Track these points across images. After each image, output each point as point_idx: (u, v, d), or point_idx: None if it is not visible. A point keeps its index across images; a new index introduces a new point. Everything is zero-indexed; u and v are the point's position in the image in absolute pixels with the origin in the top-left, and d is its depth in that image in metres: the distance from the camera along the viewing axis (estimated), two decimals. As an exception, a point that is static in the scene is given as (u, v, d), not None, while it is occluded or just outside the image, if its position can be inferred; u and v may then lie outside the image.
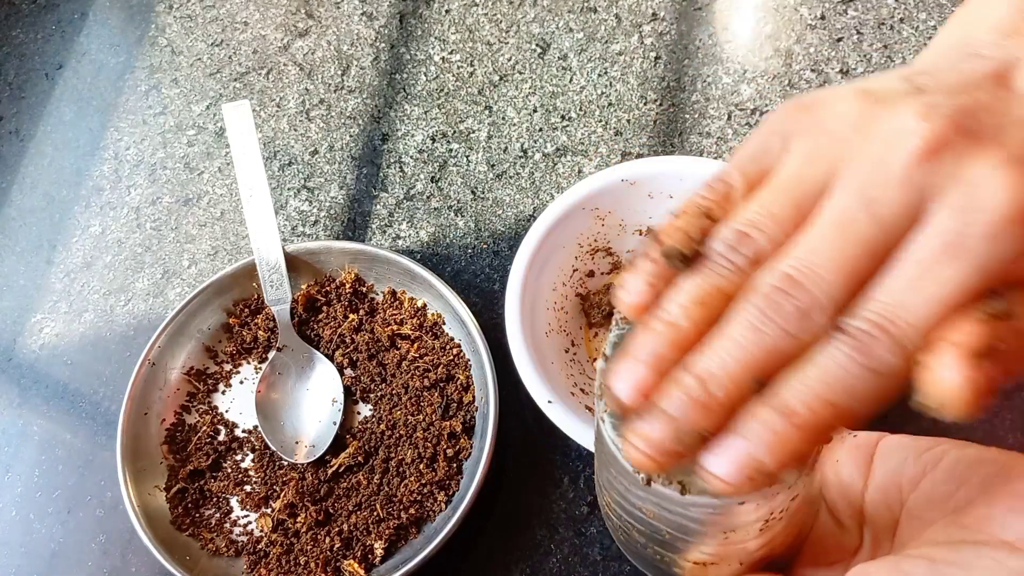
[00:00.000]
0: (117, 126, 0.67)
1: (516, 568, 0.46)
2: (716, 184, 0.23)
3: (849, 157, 0.21)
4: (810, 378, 0.19)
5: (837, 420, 0.19)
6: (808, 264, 0.20)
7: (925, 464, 0.26)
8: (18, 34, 0.73)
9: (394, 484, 0.47)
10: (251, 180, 0.53)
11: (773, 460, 0.19)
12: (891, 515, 0.26)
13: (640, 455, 0.20)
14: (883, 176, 0.20)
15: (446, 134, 0.62)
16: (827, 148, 0.21)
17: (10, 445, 0.54)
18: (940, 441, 0.26)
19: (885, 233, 0.20)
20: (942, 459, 0.26)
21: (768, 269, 0.20)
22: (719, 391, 0.20)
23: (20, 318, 0.59)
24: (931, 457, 0.26)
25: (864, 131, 0.21)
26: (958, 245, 0.19)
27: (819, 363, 0.19)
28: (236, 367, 0.54)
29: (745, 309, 0.20)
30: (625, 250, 0.53)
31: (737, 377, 0.20)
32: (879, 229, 0.20)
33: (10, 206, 0.64)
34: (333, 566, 0.45)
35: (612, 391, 0.21)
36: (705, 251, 0.21)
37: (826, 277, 0.19)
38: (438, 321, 0.52)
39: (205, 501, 0.49)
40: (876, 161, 0.20)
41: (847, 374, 0.19)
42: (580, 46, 0.64)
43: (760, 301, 0.20)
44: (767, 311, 0.20)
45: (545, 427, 0.47)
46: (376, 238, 0.58)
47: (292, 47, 0.68)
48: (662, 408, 0.20)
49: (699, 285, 0.21)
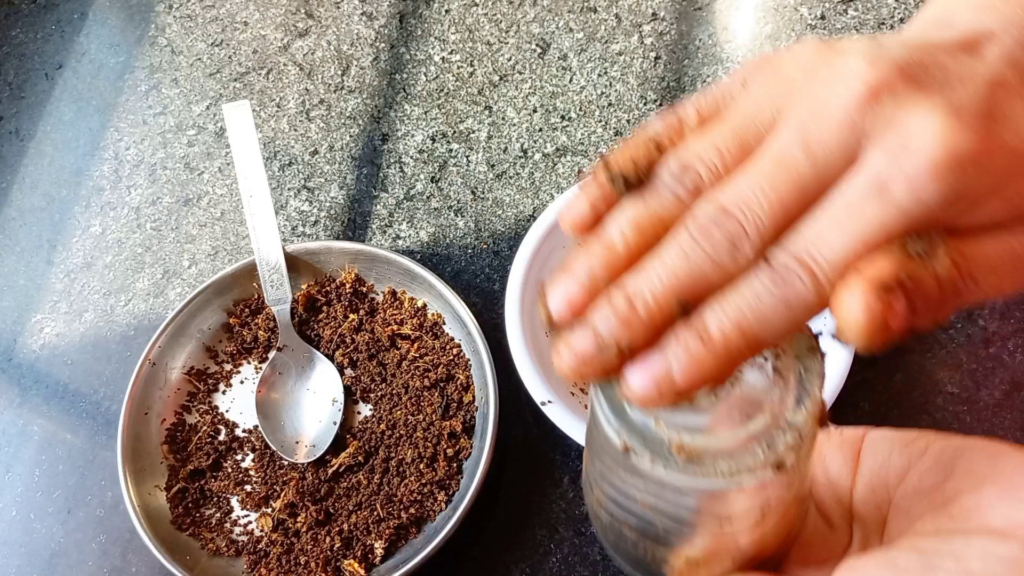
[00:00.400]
0: (117, 126, 0.67)
1: (516, 568, 0.46)
2: (669, 116, 0.24)
3: (795, 97, 0.21)
4: (729, 306, 0.20)
5: (749, 348, 0.20)
6: (743, 198, 0.20)
7: (910, 456, 0.26)
8: (18, 34, 0.73)
9: (394, 484, 0.47)
10: (251, 180, 0.53)
11: (684, 379, 0.20)
12: (879, 511, 0.26)
13: (564, 363, 0.21)
14: (823, 116, 0.20)
15: (446, 134, 0.62)
16: (777, 89, 0.22)
17: (10, 445, 0.54)
18: (924, 433, 0.27)
19: (819, 172, 0.20)
20: (927, 450, 0.26)
21: (706, 200, 0.21)
22: (642, 308, 0.21)
23: (20, 318, 0.59)
24: (916, 449, 0.26)
25: (813, 74, 0.21)
26: (884, 186, 0.19)
27: (740, 292, 0.20)
28: (236, 367, 0.54)
29: (679, 235, 0.21)
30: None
31: (660, 298, 0.20)
32: (813, 168, 0.20)
33: (10, 206, 0.64)
34: (333, 566, 0.45)
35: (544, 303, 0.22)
36: (650, 179, 0.22)
37: (757, 211, 0.20)
38: (438, 321, 0.52)
39: (205, 501, 0.49)
40: (818, 102, 0.21)
41: (764, 305, 0.20)
42: (580, 46, 0.64)
43: (693, 229, 0.21)
44: (698, 239, 0.20)
45: (545, 427, 0.47)
46: (376, 238, 0.58)
47: (292, 47, 0.68)
48: (590, 321, 0.21)
49: (639, 211, 0.22)
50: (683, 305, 0.20)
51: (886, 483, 0.26)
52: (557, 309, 0.22)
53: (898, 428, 0.27)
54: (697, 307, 0.21)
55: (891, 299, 0.18)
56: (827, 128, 0.20)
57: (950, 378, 0.48)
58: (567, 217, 0.23)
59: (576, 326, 0.21)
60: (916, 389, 0.48)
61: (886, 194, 0.19)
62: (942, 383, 0.48)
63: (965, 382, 0.48)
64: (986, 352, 0.49)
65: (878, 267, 0.19)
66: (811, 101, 0.21)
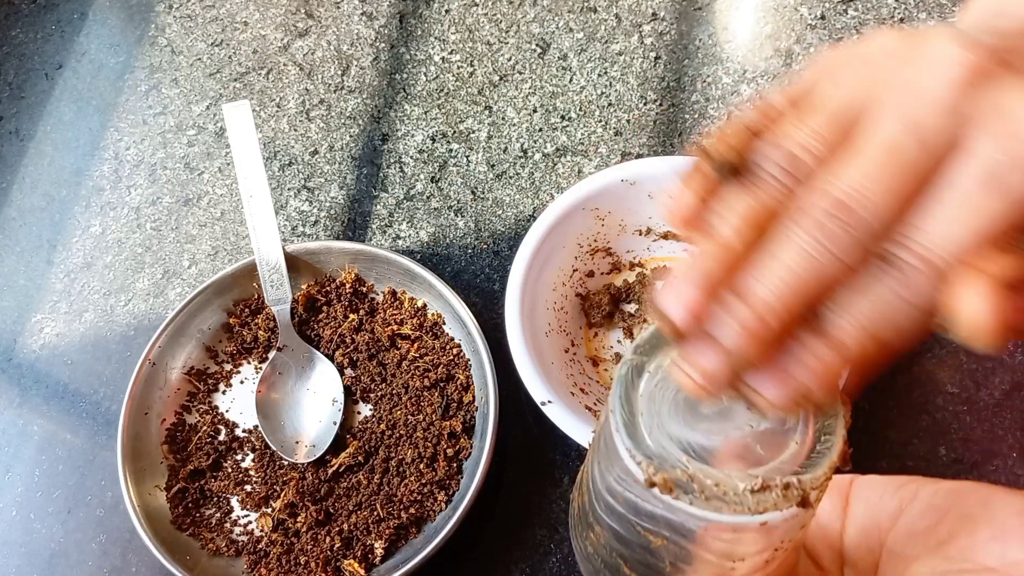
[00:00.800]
0: (117, 126, 0.67)
1: (516, 568, 0.46)
2: (761, 104, 0.23)
3: (890, 82, 0.21)
4: (859, 311, 0.19)
5: (881, 353, 0.19)
6: (860, 189, 0.19)
7: (902, 500, 0.26)
8: (18, 34, 0.73)
9: (394, 484, 0.47)
10: (251, 180, 0.53)
11: (819, 388, 0.20)
12: (872, 554, 0.26)
13: (692, 384, 0.20)
14: (925, 100, 0.20)
15: (446, 134, 0.62)
16: (867, 74, 0.21)
17: (10, 445, 0.54)
18: (913, 478, 0.27)
19: (930, 158, 0.19)
20: (918, 493, 0.26)
21: (819, 192, 0.20)
22: (774, 321, 0.19)
23: (20, 318, 0.59)
24: (907, 492, 0.26)
25: (904, 60, 0.21)
26: (999, 175, 0.19)
27: (866, 296, 0.19)
28: (236, 367, 0.54)
29: (798, 235, 0.20)
30: (625, 250, 0.53)
31: (791, 306, 0.19)
32: (926, 154, 0.19)
33: (10, 206, 0.64)
34: (333, 566, 0.45)
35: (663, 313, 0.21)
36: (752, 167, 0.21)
37: (877, 202, 0.19)
38: (438, 321, 0.52)
39: (205, 501, 0.49)
40: (918, 87, 0.20)
41: (893, 309, 0.19)
42: (580, 46, 0.64)
43: (813, 227, 0.19)
44: (822, 238, 0.19)
45: (545, 427, 0.47)
46: (376, 238, 0.58)
47: (292, 47, 0.68)
48: (715, 337, 0.20)
49: (750, 205, 0.21)
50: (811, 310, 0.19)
51: (878, 526, 0.26)
52: (679, 316, 0.20)
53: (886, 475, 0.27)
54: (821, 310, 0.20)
55: (1015, 297, 0.18)
56: (932, 112, 0.19)
57: (950, 378, 0.48)
58: (675, 210, 0.22)
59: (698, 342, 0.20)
60: (916, 389, 0.48)
61: (1003, 185, 0.19)
62: (942, 383, 0.48)
63: (965, 382, 0.48)
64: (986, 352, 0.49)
65: (1000, 264, 0.18)
66: (909, 86, 0.20)
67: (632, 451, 0.22)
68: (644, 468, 0.21)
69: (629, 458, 0.22)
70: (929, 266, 0.19)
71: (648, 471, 0.21)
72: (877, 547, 0.26)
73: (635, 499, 0.23)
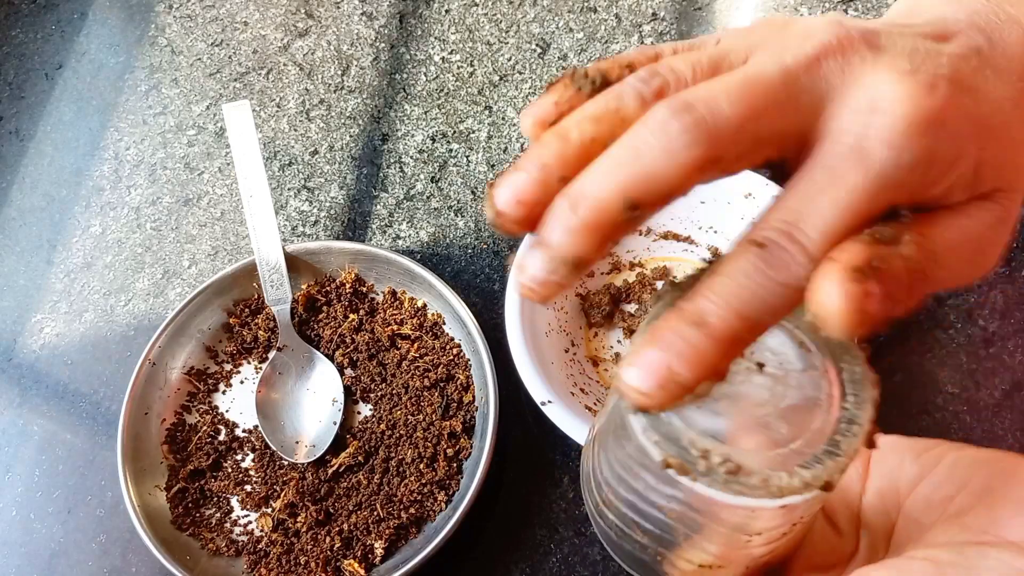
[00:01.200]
0: (117, 126, 0.67)
1: (516, 568, 0.46)
2: (646, 47, 0.23)
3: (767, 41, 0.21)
4: (726, 291, 0.19)
5: (750, 333, 0.19)
6: (714, 97, 0.19)
7: (923, 466, 0.26)
8: (18, 34, 0.73)
9: (394, 484, 0.47)
10: (251, 180, 0.53)
11: (690, 372, 0.19)
12: (888, 517, 0.26)
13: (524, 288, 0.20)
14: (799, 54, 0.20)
15: (446, 134, 0.62)
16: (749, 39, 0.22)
17: (10, 445, 0.54)
18: (938, 442, 0.26)
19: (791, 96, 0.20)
20: (940, 460, 0.26)
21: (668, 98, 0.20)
22: (587, 213, 0.19)
23: (20, 318, 0.59)
24: (929, 459, 0.26)
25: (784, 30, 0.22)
26: (862, 149, 0.19)
27: (734, 276, 0.19)
28: (236, 367, 0.54)
29: (635, 131, 0.19)
30: (625, 250, 0.53)
31: (605, 198, 0.19)
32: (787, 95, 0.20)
33: (10, 206, 0.64)
34: (333, 566, 0.45)
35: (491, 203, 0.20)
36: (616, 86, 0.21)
37: (728, 114, 0.19)
38: (438, 321, 0.52)
39: (205, 501, 0.49)
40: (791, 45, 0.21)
41: (761, 288, 0.19)
42: (580, 46, 0.64)
43: (653, 124, 0.19)
44: (659, 134, 0.19)
45: (545, 427, 0.47)
46: (376, 238, 0.58)
47: (292, 47, 0.68)
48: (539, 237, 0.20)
49: (596, 103, 0.20)
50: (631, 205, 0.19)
51: (896, 490, 0.26)
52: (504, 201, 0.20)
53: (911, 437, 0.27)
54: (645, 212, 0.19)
55: (867, 283, 0.18)
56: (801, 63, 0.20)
57: (950, 378, 0.48)
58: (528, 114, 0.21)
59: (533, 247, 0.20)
60: (916, 389, 0.48)
61: (865, 158, 0.19)
62: (942, 383, 0.48)
63: (965, 382, 0.48)
64: (986, 352, 0.49)
65: (851, 253, 0.18)
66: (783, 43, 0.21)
67: (648, 430, 0.21)
68: (660, 448, 0.21)
69: (645, 439, 0.21)
70: (795, 244, 0.19)
71: (665, 452, 0.21)
72: (895, 510, 0.26)
73: (650, 475, 0.22)
